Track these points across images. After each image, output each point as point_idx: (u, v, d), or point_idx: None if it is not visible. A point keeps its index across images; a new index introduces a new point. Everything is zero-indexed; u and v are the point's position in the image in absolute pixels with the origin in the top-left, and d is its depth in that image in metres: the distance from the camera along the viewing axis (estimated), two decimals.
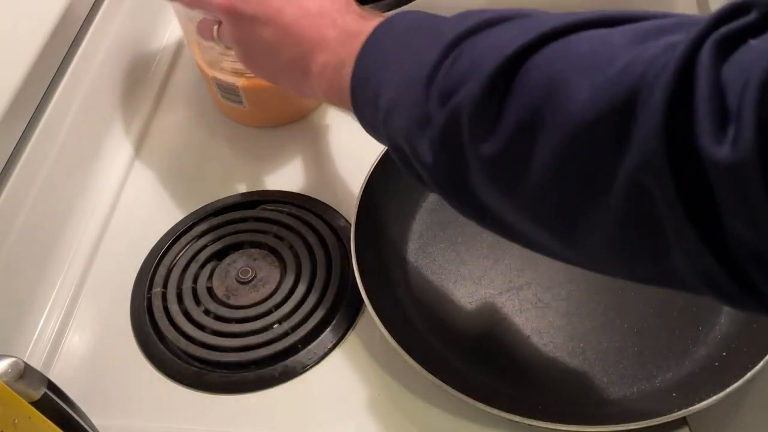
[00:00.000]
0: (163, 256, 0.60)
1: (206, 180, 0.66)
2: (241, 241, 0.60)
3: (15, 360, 0.38)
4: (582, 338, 0.52)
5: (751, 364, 0.45)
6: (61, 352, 0.56)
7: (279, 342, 0.54)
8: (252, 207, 0.63)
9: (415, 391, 0.51)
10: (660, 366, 0.50)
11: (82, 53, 0.64)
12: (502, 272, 0.56)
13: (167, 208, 0.64)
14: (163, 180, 0.67)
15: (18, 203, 0.55)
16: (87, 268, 0.61)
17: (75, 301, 0.59)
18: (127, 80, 0.71)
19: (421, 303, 0.55)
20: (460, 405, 0.46)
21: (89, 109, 0.65)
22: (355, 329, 0.55)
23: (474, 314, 0.54)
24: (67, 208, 0.62)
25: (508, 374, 0.51)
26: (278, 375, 0.53)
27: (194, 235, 0.61)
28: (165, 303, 0.57)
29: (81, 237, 0.62)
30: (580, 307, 0.54)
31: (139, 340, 0.56)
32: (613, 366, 0.51)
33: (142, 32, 0.76)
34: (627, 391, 0.49)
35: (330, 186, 0.63)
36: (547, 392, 0.50)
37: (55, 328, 0.57)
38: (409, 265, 0.57)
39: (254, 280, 0.57)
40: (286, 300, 0.56)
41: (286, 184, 0.64)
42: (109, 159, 0.67)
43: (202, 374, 0.53)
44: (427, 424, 0.50)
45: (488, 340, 0.53)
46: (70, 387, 0.44)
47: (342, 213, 0.61)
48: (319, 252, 0.58)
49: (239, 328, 0.55)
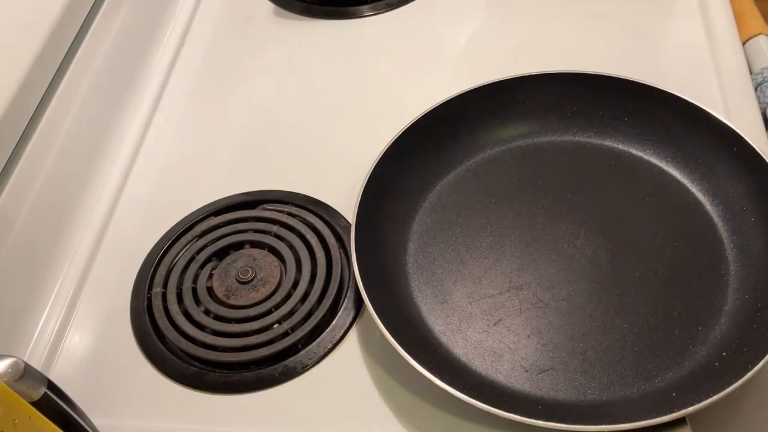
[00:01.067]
0: (163, 256, 0.60)
1: (206, 180, 0.66)
2: (241, 241, 0.60)
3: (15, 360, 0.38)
4: (582, 338, 0.52)
5: (751, 364, 0.45)
6: (61, 352, 0.56)
7: (279, 342, 0.54)
8: (252, 207, 0.63)
9: (415, 391, 0.51)
10: (660, 366, 0.50)
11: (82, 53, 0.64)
12: (502, 272, 0.56)
13: (167, 208, 0.64)
14: (163, 180, 0.67)
15: (18, 203, 0.55)
16: (87, 268, 0.61)
17: (75, 301, 0.59)
18: (127, 80, 0.71)
19: (421, 303, 0.55)
20: (460, 405, 0.46)
21: (89, 109, 0.65)
22: (355, 329, 0.55)
23: (474, 314, 0.54)
24: (67, 208, 0.62)
25: (508, 374, 0.51)
26: (278, 375, 0.53)
27: (194, 235, 0.61)
28: (165, 303, 0.57)
29: (81, 237, 0.62)
30: (580, 307, 0.54)
31: (139, 340, 0.56)
32: (613, 366, 0.51)
33: (142, 32, 0.76)
34: (627, 391, 0.49)
35: (330, 186, 0.63)
36: (548, 392, 0.50)
37: (55, 328, 0.57)
38: (409, 265, 0.57)
39: (254, 280, 0.57)
40: (286, 300, 0.56)
41: (286, 184, 0.64)
42: (109, 159, 0.67)
43: (202, 374, 0.53)
44: (427, 424, 0.50)
45: (488, 340, 0.53)
46: (70, 387, 0.44)
47: (342, 213, 0.61)
48: (319, 252, 0.58)
49: (239, 328, 0.55)
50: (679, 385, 0.49)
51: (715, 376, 0.47)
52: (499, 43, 0.75)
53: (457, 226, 0.59)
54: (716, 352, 0.50)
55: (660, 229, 0.57)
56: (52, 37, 0.59)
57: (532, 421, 0.45)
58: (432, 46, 0.75)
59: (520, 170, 0.62)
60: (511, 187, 0.61)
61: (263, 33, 0.79)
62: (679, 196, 0.59)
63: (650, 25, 0.74)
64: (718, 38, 0.70)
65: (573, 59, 0.71)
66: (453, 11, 0.78)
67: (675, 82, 0.63)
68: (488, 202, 0.61)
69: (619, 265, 0.55)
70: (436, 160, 0.62)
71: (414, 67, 0.73)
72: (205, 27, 0.80)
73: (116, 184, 0.66)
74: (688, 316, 0.52)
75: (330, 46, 0.73)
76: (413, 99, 0.67)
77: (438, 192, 0.62)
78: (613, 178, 0.60)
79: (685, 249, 0.56)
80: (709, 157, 0.59)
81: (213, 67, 0.76)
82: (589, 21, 0.75)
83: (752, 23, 0.73)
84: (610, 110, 0.63)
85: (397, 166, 0.59)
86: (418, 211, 0.61)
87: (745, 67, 0.68)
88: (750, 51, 0.71)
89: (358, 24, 0.78)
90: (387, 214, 0.58)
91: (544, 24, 0.75)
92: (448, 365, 0.51)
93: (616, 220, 0.58)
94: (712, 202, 0.58)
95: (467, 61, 0.74)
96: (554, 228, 0.58)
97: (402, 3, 0.80)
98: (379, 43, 0.77)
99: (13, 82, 0.54)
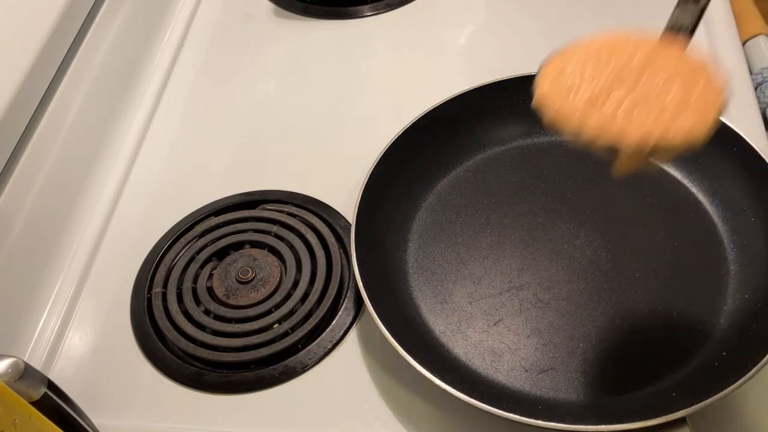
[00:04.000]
0: (163, 256, 0.60)
1: (206, 180, 0.66)
2: (241, 241, 0.60)
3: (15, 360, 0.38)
4: (582, 338, 0.52)
5: (751, 364, 0.45)
6: (61, 352, 0.56)
7: (279, 342, 0.54)
8: (252, 207, 0.63)
9: (415, 391, 0.51)
10: (660, 366, 0.50)
11: (82, 53, 0.64)
12: (502, 272, 0.56)
13: (167, 208, 0.64)
14: (163, 180, 0.67)
15: (18, 203, 0.55)
16: (87, 268, 0.61)
17: (75, 301, 0.59)
18: (127, 80, 0.71)
19: (421, 303, 0.55)
20: (460, 405, 0.46)
21: (89, 109, 0.65)
22: (355, 329, 0.55)
23: (474, 314, 0.54)
24: (67, 208, 0.62)
25: (508, 374, 0.51)
26: (278, 375, 0.53)
27: (194, 235, 0.61)
28: (165, 303, 0.57)
29: (81, 237, 0.62)
30: (580, 307, 0.54)
31: (139, 340, 0.56)
32: (613, 366, 0.51)
33: (143, 32, 0.76)
34: (627, 391, 0.49)
35: (330, 186, 0.63)
36: (548, 392, 0.50)
37: (55, 328, 0.57)
38: (409, 265, 0.57)
39: (254, 280, 0.57)
40: (286, 300, 0.56)
41: (286, 184, 0.64)
42: (109, 159, 0.67)
43: (202, 374, 0.53)
44: (427, 424, 0.50)
45: (488, 340, 0.53)
46: (70, 387, 0.44)
47: (342, 213, 0.61)
48: (319, 252, 0.58)
49: (239, 328, 0.55)
50: (679, 385, 0.49)
51: (715, 376, 0.47)
52: (499, 43, 0.75)
53: (457, 226, 0.59)
54: (716, 352, 0.50)
55: (660, 229, 0.57)
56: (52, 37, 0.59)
57: (532, 421, 0.45)
58: (432, 46, 0.75)
59: (520, 170, 0.62)
60: (511, 187, 0.61)
61: (263, 33, 0.79)
62: (679, 196, 0.59)
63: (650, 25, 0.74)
64: (718, 38, 0.70)
65: None
66: (453, 11, 0.78)
67: None
68: (488, 202, 0.61)
69: (619, 265, 0.55)
70: (436, 160, 0.62)
71: (414, 67, 0.73)
72: (205, 27, 0.80)
73: (116, 184, 0.66)
74: (688, 316, 0.52)
75: (330, 46, 0.73)
76: (413, 99, 0.67)
77: (438, 192, 0.62)
78: (613, 178, 0.60)
79: (685, 249, 0.56)
80: (709, 157, 0.59)
81: (213, 67, 0.76)
82: (589, 20, 0.75)
83: (752, 23, 0.73)
84: None
85: (397, 166, 0.59)
86: (418, 211, 0.61)
87: (745, 67, 0.68)
88: (750, 51, 0.71)
89: (358, 24, 0.78)
90: (387, 214, 0.58)
91: (544, 24, 0.75)
92: (448, 365, 0.51)
93: (616, 220, 0.58)
94: (712, 202, 0.58)
95: (467, 61, 0.74)
96: (554, 228, 0.58)
97: (402, 3, 0.80)
98: (379, 43, 0.77)
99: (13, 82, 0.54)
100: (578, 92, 0.45)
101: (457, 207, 0.61)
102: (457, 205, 0.61)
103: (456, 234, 0.59)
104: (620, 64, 0.47)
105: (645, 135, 0.43)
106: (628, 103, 0.44)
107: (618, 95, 0.45)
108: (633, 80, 0.46)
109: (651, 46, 0.50)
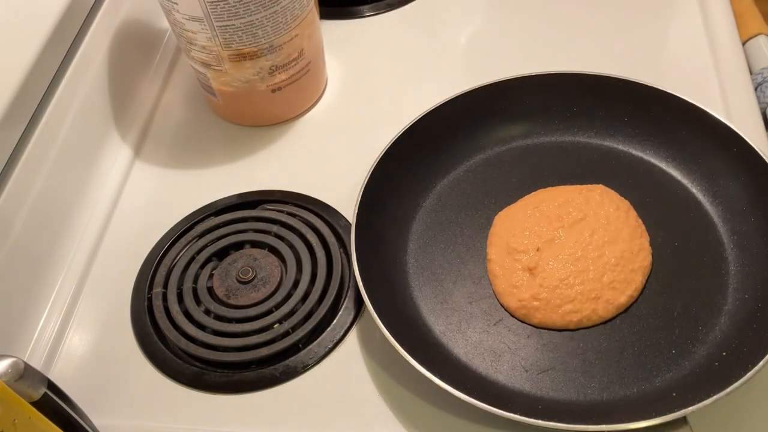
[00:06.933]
0: (163, 256, 0.60)
1: (206, 180, 0.66)
2: (241, 240, 0.60)
3: (15, 360, 0.38)
4: (582, 338, 0.52)
5: (751, 364, 0.45)
6: (61, 352, 0.56)
7: (279, 342, 0.54)
8: (252, 207, 0.63)
9: (415, 391, 0.51)
10: (660, 366, 0.50)
11: (82, 53, 0.64)
12: None
13: (167, 208, 0.64)
14: (163, 180, 0.67)
15: (18, 203, 0.55)
16: (87, 268, 0.61)
17: (75, 301, 0.59)
18: (128, 80, 0.71)
19: (421, 303, 0.55)
20: (460, 405, 0.46)
21: (89, 109, 0.65)
22: (355, 329, 0.55)
23: (474, 314, 0.54)
24: (67, 207, 0.62)
25: (508, 374, 0.51)
26: (279, 375, 0.53)
27: (194, 235, 0.61)
28: (165, 303, 0.57)
29: (81, 237, 0.62)
30: None
31: (140, 339, 0.56)
32: (613, 366, 0.51)
33: (143, 32, 0.76)
34: (627, 391, 0.49)
35: (330, 186, 0.63)
36: (548, 392, 0.50)
37: (55, 328, 0.57)
38: (409, 265, 0.58)
39: (254, 279, 0.57)
40: (287, 300, 0.56)
41: (286, 183, 0.64)
42: (109, 159, 0.67)
43: (203, 374, 0.53)
44: (427, 424, 0.50)
45: (488, 340, 0.53)
46: (70, 387, 0.44)
47: (342, 213, 0.61)
48: (319, 251, 0.58)
49: (240, 328, 0.55)
50: (679, 385, 0.49)
51: (715, 376, 0.47)
52: (499, 43, 0.75)
53: (457, 226, 0.59)
54: (716, 352, 0.50)
55: (660, 229, 0.57)
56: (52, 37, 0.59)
57: (532, 420, 0.45)
58: (432, 46, 0.75)
59: (520, 170, 0.62)
60: (511, 187, 0.61)
61: None
62: (679, 196, 0.59)
63: (650, 25, 0.74)
64: (718, 38, 0.70)
65: (573, 59, 0.71)
66: (453, 11, 0.78)
67: (675, 82, 0.63)
68: (488, 202, 0.61)
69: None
70: (436, 160, 0.62)
71: (414, 67, 0.73)
72: None
73: (116, 184, 0.66)
74: (688, 316, 0.52)
75: (330, 46, 0.73)
76: (413, 99, 0.67)
77: (438, 192, 0.62)
78: (613, 178, 0.60)
79: (685, 249, 0.56)
80: (709, 157, 0.59)
81: None
82: (588, 21, 0.75)
83: (752, 23, 0.73)
84: (610, 110, 0.63)
85: (397, 166, 0.59)
86: (418, 211, 0.61)
87: (745, 67, 0.68)
88: (750, 51, 0.71)
89: (358, 24, 0.78)
90: (387, 214, 0.58)
91: (544, 24, 0.75)
92: (448, 365, 0.51)
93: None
94: (712, 202, 0.58)
95: (467, 62, 0.74)
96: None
97: (402, 3, 0.80)
98: (379, 43, 0.77)
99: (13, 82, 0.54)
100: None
101: (457, 207, 0.61)
102: (457, 205, 0.61)
103: (456, 234, 0.59)
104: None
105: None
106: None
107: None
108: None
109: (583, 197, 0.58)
